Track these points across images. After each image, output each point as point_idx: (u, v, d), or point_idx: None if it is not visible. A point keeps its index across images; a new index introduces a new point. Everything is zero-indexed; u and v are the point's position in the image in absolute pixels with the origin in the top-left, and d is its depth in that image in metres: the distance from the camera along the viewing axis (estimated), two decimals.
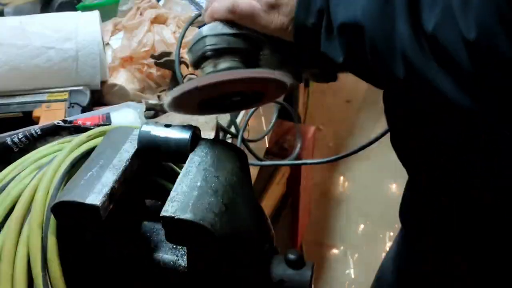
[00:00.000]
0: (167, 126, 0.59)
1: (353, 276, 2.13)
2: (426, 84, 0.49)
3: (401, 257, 0.86)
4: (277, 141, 1.71)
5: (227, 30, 0.61)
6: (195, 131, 0.59)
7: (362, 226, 2.33)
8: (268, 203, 1.66)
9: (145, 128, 0.59)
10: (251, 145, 1.18)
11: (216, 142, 0.61)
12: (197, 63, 0.62)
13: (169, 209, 0.51)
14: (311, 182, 2.16)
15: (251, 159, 1.11)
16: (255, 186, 1.51)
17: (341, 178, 2.52)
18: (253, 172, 1.32)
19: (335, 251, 2.24)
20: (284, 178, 1.79)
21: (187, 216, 0.50)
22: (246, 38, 0.61)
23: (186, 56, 0.71)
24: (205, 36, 0.60)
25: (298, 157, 1.87)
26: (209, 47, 0.60)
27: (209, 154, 0.58)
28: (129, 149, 0.59)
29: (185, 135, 0.58)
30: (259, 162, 1.05)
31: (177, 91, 0.56)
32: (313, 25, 0.56)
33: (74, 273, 0.56)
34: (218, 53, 0.60)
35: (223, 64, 0.60)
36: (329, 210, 2.41)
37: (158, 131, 0.59)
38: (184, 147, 0.58)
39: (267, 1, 0.59)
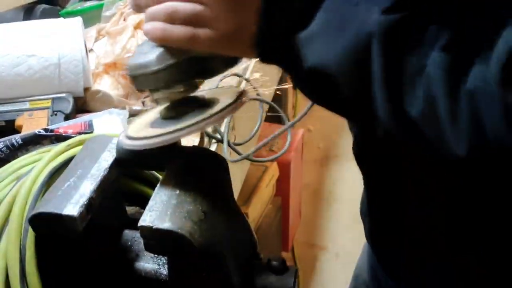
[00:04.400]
0: None
1: (344, 278, 2.13)
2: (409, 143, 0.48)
3: (372, 254, 0.86)
4: (265, 144, 1.71)
5: (175, 58, 0.56)
6: None
7: (353, 227, 2.33)
8: (258, 205, 1.66)
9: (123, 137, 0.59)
10: (239, 148, 1.18)
11: (195, 150, 0.60)
12: (148, 91, 0.59)
13: (147, 219, 0.51)
14: (301, 183, 2.16)
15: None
16: (244, 188, 1.50)
17: (331, 179, 2.52)
18: (242, 174, 1.32)
19: (326, 252, 2.24)
20: (274, 180, 1.79)
21: (165, 225, 0.50)
22: (194, 59, 0.57)
23: None
24: (156, 72, 0.55)
25: (287, 159, 1.88)
26: (161, 84, 0.56)
27: (188, 162, 0.58)
28: (107, 158, 0.59)
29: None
30: (239, 158, 1.05)
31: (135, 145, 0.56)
32: (276, 52, 0.53)
33: (54, 285, 0.56)
34: (171, 85, 0.57)
35: (176, 92, 0.57)
36: (320, 211, 2.41)
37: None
38: (163, 155, 0.58)
39: (226, 33, 0.54)
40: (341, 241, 2.26)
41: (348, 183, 2.46)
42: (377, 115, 0.47)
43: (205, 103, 0.59)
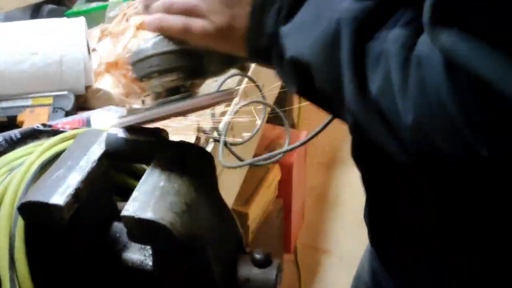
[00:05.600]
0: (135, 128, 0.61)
1: (347, 281, 2.13)
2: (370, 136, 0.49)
3: (373, 255, 0.86)
4: (267, 146, 1.72)
5: (171, 46, 0.60)
6: (162, 133, 0.61)
7: (358, 231, 2.33)
8: (259, 206, 1.67)
9: (113, 130, 0.61)
10: (237, 149, 1.19)
11: (182, 145, 0.62)
12: (143, 79, 0.62)
13: (129, 208, 0.53)
14: (304, 185, 2.16)
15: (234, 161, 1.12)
16: (245, 188, 1.51)
17: (338, 182, 2.52)
18: (241, 174, 1.33)
19: (330, 255, 2.24)
20: (276, 181, 1.80)
21: (147, 215, 0.52)
22: (190, 52, 0.61)
23: None
24: (151, 56, 0.60)
25: (289, 161, 1.89)
26: (155, 69, 0.60)
27: (174, 155, 0.60)
28: (96, 151, 0.60)
29: (151, 137, 0.60)
30: (234, 165, 1.06)
31: (125, 122, 0.62)
32: (264, 48, 0.56)
33: (42, 272, 0.58)
34: (164, 72, 0.60)
35: (169, 80, 0.60)
36: (324, 214, 2.41)
37: (125, 133, 0.60)
38: (150, 149, 0.60)
39: (219, 26, 0.58)
40: (345, 245, 2.26)
41: (354, 187, 2.44)
42: (344, 100, 0.49)
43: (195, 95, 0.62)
